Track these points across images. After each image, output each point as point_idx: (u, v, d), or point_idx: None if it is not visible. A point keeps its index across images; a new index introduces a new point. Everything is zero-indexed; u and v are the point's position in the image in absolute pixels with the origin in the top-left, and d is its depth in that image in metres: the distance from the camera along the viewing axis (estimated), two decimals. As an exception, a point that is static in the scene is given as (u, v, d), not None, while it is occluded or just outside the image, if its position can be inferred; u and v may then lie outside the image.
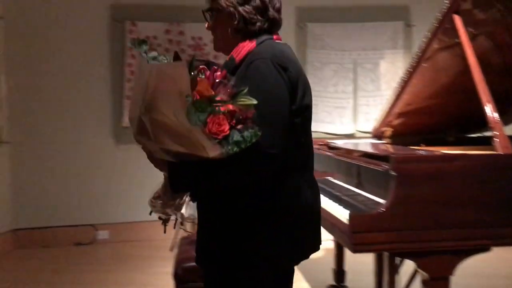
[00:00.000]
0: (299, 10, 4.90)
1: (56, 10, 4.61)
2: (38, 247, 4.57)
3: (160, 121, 1.31)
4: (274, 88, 1.43)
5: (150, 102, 1.31)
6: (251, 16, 1.54)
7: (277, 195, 1.48)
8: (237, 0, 1.55)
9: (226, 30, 1.57)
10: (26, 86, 4.59)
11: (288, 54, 1.54)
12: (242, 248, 1.47)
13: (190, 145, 1.32)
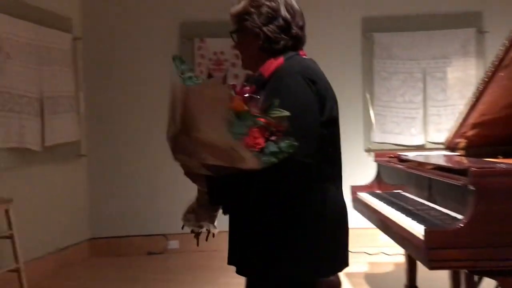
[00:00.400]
0: (365, 20, 4.85)
1: (129, 30, 4.85)
2: (113, 255, 4.78)
3: (202, 139, 1.35)
4: (305, 101, 1.50)
5: (190, 122, 1.36)
6: (275, 35, 1.60)
7: (307, 205, 1.53)
8: (261, 21, 1.61)
9: (253, 49, 1.64)
10: (102, 103, 4.85)
11: (315, 69, 1.62)
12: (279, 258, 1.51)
13: (231, 159, 1.36)
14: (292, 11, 1.63)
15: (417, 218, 2.08)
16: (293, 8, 1.64)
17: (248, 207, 1.53)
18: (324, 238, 1.56)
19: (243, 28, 1.65)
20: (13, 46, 3.74)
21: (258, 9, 1.62)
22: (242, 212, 1.57)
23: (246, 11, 1.64)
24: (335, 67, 4.89)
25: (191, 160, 1.43)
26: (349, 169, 5.02)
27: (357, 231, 4.67)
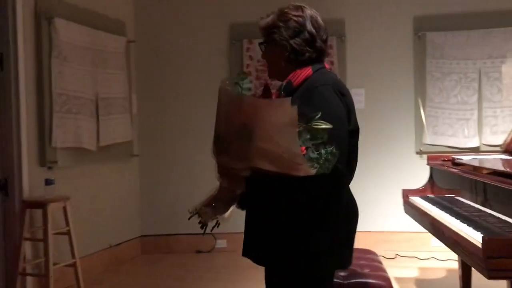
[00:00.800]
0: (417, 19, 4.73)
1: (180, 33, 4.96)
2: (162, 253, 4.89)
3: (265, 148, 1.47)
4: (338, 112, 1.64)
5: (261, 133, 1.48)
6: (301, 48, 1.74)
7: (338, 206, 1.69)
8: (289, 34, 1.74)
9: (279, 60, 1.76)
10: (154, 104, 4.97)
11: (342, 82, 1.78)
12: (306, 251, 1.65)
13: (286, 165, 1.47)
14: (317, 26, 1.77)
15: (474, 225, 2.01)
16: (318, 23, 1.78)
17: (277, 205, 1.65)
18: (344, 235, 1.73)
19: (271, 40, 1.78)
20: (71, 50, 3.90)
21: (285, 23, 1.75)
22: (268, 208, 1.68)
23: (275, 25, 1.76)
24: (386, 67, 4.82)
25: (239, 163, 1.54)
26: (399, 172, 5.00)
27: (407, 235, 4.65)
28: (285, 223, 1.66)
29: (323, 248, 1.66)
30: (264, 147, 1.47)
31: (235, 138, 1.52)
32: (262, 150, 1.48)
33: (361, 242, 4.40)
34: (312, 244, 1.65)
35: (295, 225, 1.65)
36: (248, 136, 1.48)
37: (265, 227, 1.71)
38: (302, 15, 1.76)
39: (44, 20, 3.69)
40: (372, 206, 4.80)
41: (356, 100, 4.73)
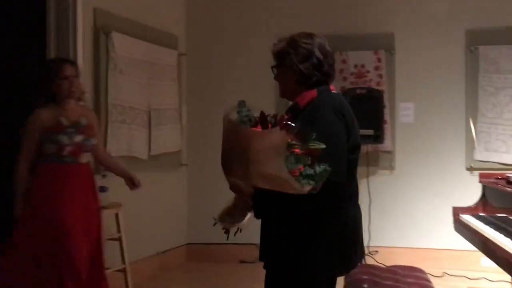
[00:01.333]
0: (470, 33, 4.64)
1: (230, 46, 5.07)
2: (207, 261, 4.97)
3: (263, 172, 1.67)
4: (337, 131, 1.80)
5: (254, 158, 1.68)
6: (309, 72, 1.89)
7: (335, 218, 1.84)
8: (298, 59, 1.89)
9: (290, 82, 1.93)
10: (203, 115, 5.08)
11: (344, 102, 1.93)
12: (303, 258, 1.82)
13: (282, 186, 1.66)
14: (324, 52, 1.92)
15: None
16: (325, 49, 1.93)
17: (283, 216, 1.84)
18: (340, 246, 1.86)
19: (282, 65, 1.95)
20: (126, 63, 4.06)
21: (295, 50, 1.91)
22: (276, 218, 1.87)
23: (286, 51, 1.92)
24: (436, 81, 4.74)
25: (242, 182, 1.76)
26: (449, 188, 4.91)
27: (456, 253, 4.53)
28: (287, 231, 1.84)
29: (321, 254, 1.82)
30: (259, 169, 1.67)
31: (236, 161, 1.73)
32: (258, 171, 1.68)
33: (408, 259, 4.38)
34: (311, 250, 1.82)
35: (296, 233, 1.83)
36: (247, 159, 1.68)
37: (272, 234, 1.90)
38: (311, 42, 1.91)
39: (102, 34, 3.87)
40: (420, 223, 4.72)
41: (405, 114, 4.76)
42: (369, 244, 4.65)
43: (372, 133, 4.35)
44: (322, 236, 1.83)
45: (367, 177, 4.63)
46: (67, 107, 2.85)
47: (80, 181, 2.88)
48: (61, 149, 2.77)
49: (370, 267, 2.99)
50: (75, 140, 2.82)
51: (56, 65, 2.86)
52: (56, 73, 2.80)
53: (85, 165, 2.94)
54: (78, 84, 2.86)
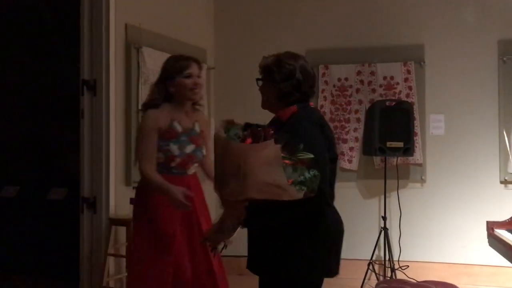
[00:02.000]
0: (502, 42, 4.55)
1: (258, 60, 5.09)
2: (234, 274, 4.95)
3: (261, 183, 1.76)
4: (318, 142, 1.95)
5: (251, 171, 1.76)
6: (288, 91, 2.06)
7: (320, 223, 1.98)
8: (280, 78, 2.05)
9: (271, 97, 2.11)
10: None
11: (321, 116, 2.16)
12: (288, 263, 1.96)
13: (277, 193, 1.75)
14: (305, 74, 2.07)
15: None
16: (306, 71, 2.08)
17: (273, 223, 1.96)
18: (328, 249, 2.03)
19: (266, 80, 2.12)
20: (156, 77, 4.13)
21: (279, 69, 2.06)
22: (265, 226, 1.98)
23: (270, 68, 2.09)
24: (468, 92, 4.66)
25: (237, 196, 1.82)
26: (483, 202, 4.81)
27: (491, 269, 4.41)
28: (276, 237, 1.98)
29: (306, 258, 1.97)
30: (256, 182, 1.76)
31: (231, 178, 1.80)
32: (255, 184, 1.76)
33: (440, 274, 4.29)
34: (297, 254, 1.96)
35: (285, 238, 1.96)
36: (244, 174, 1.76)
37: (262, 242, 2.04)
38: (293, 64, 2.06)
39: (133, 49, 3.96)
40: (453, 237, 4.61)
41: (435, 126, 4.68)
42: (399, 259, 4.57)
43: (402, 145, 4.30)
44: (310, 239, 1.97)
45: (397, 190, 4.57)
46: (183, 110, 2.63)
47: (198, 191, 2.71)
48: (170, 160, 2.57)
49: (400, 282, 2.94)
50: (186, 151, 2.61)
51: (181, 62, 2.63)
52: (179, 70, 2.58)
53: (193, 177, 2.72)
54: (201, 85, 2.64)
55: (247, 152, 1.79)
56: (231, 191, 1.85)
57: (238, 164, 1.79)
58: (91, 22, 3.79)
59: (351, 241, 4.81)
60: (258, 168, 1.76)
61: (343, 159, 4.82)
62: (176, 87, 2.58)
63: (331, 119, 4.88)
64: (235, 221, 2.03)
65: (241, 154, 1.80)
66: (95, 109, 3.78)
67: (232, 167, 1.81)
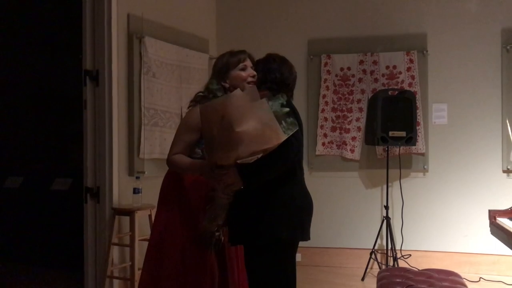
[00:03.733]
0: (506, 31, 4.53)
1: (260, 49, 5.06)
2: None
3: (245, 131, 1.85)
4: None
5: (236, 118, 1.84)
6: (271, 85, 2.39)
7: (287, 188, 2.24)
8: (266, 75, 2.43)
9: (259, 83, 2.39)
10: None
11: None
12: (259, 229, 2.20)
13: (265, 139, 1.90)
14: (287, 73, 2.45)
15: None
16: (292, 71, 2.50)
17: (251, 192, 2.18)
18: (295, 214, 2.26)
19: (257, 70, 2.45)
20: (159, 67, 4.14)
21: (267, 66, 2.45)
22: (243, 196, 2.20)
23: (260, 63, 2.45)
24: (471, 81, 4.65)
25: (227, 153, 1.93)
26: (485, 191, 4.81)
27: (493, 257, 4.43)
28: (245, 205, 2.21)
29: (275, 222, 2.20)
30: (244, 130, 1.84)
31: (218, 134, 1.89)
32: (243, 133, 1.85)
33: (442, 263, 4.31)
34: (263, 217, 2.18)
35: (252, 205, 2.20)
36: (229, 126, 1.84)
37: (235, 212, 2.26)
38: (278, 64, 2.46)
39: (135, 39, 3.96)
40: (455, 226, 4.63)
41: (438, 115, 4.68)
42: (402, 248, 4.59)
43: (404, 135, 4.30)
44: (278, 203, 2.22)
45: (400, 180, 4.58)
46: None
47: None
48: (205, 159, 2.41)
49: (402, 270, 2.95)
50: None
51: (238, 56, 2.56)
52: (235, 63, 2.52)
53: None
54: (254, 78, 2.51)
55: (228, 101, 1.89)
56: (220, 151, 1.95)
57: (221, 116, 1.89)
58: (93, 13, 3.79)
59: (353, 231, 4.89)
60: (245, 113, 1.84)
61: (345, 149, 4.82)
62: (232, 80, 2.51)
63: (333, 109, 4.88)
64: (225, 197, 2.21)
65: (222, 106, 1.91)
66: (98, 99, 3.79)
67: (216, 122, 1.90)
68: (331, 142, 4.89)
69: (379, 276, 2.88)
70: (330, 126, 4.88)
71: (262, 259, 2.24)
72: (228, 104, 1.88)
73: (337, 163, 4.88)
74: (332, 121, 4.89)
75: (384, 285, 2.64)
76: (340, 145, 4.86)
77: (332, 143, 4.87)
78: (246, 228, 2.23)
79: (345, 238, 4.81)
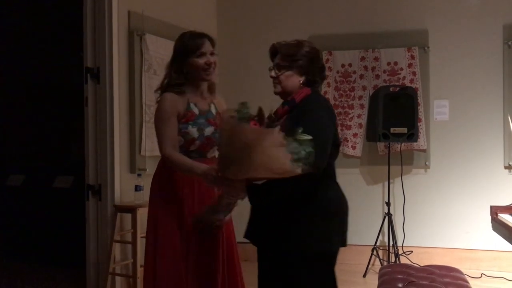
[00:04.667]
0: (508, 27, 4.52)
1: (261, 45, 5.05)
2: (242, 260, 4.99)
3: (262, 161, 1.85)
4: (325, 125, 2.05)
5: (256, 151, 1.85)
6: (315, 76, 2.16)
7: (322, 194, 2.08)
8: (309, 63, 2.13)
9: (293, 83, 2.15)
10: (234, 114, 5.12)
11: (328, 102, 2.28)
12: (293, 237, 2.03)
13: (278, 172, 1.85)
14: (322, 60, 2.23)
15: None
16: (321, 58, 2.25)
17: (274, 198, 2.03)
18: (327, 223, 2.08)
19: (292, 66, 2.14)
20: (159, 64, 4.13)
21: (307, 53, 2.13)
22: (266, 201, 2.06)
23: (298, 53, 2.13)
24: (472, 78, 4.64)
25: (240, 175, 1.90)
26: (487, 187, 4.81)
27: (494, 253, 4.43)
28: (275, 213, 2.06)
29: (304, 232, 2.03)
30: (260, 163, 1.86)
31: (237, 158, 1.88)
32: (259, 164, 1.86)
33: (444, 259, 4.31)
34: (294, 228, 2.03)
35: (282, 214, 2.04)
36: (249, 154, 1.84)
37: (263, 216, 2.11)
38: (316, 48, 2.17)
39: (136, 37, 3.95)
40: (457, 222, 4.63)
41: (439, 111, 4.67)
42: (403, 244, 4.59)
43: (405, 131, 4.30)
44: (312, 210, 2.05)
45: (401, 176, 4.58)
46: (199, 91, 2.49)
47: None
48: (189, 143, 2.43)
49: (404, 266, 2.96)
50: (205, 133, 2.45)
51: (195, 40, 2.47)
52: (193, 49, 2.44)
53: (212, 161, 2.48)
54: (215, 63, 2.48)
55: (256, 135, 1.88)
56: (235, 171, 1.91)
57: (246, 145, 1.86)
58: (94, 10, 3.79)
59: (355, 227, 4.84)
60: (263, 150, 1.85)
61: (346, 146, 4.82)
62: (189, 68, 2.45)
63: (334, 106, 4.87)
64: (233, 200, 2.16)
65: (249, 136, 1.88)
66: (99, 96, 3.79)
67: (239, 148, 1.88)
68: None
69: (380, 272, 2.88)
70: (332, 122, 4.88)
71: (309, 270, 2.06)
72: (258, 139, 1.88)
73: (338, 159, 4.84)
74: (333, 117, 4.89)
75: (386, 281, 2.65)
76: (342, 142, 4.86)
77: (334, 139, 4.88)
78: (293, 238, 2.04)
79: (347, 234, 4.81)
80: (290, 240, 2.03)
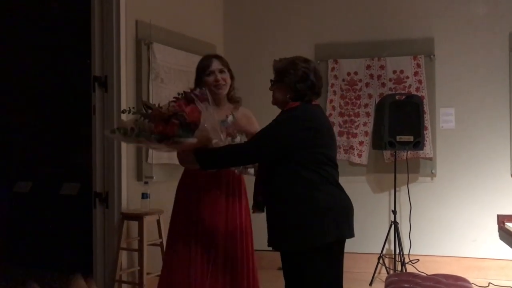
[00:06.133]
0: None
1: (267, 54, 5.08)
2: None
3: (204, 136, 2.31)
4: (278, 130, 2.28)
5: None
6: (304, 92, 2.31)
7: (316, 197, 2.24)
8: (296, 80, 2.29)
9: (284, 96, 2.36)
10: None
11: (319, 117, 2.34)
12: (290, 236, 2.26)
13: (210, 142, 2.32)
14: (318, 76, 2.34)
15: None
16: (318, 74, 2.35)
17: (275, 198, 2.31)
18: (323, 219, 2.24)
19: (281, 81, 2.34)
20: (167, 72, 4.17)
21: (295, 71, 2.29)
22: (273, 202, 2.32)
23: (286, 70, 2.31)
24: (478, 85, 4.64)
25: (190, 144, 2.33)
26: (493, 195, 4.80)
27: (501, 262, 4.41)
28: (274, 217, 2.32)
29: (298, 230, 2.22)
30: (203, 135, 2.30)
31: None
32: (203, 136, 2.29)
33: (451, 268, 4.29)
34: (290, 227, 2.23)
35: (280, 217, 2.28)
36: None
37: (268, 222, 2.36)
38: (307, 67, 2.30)
39: (143, 45, 3.99)
40: (464, 231, 4.61)
41: (446, 119, 4.67)
42: (409, 252, 4.58)
43: (411, 139, 4.30)
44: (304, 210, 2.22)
45: (407, 184, 4.57)
46: (215, 103, 2.73)
47: (223, 186, 2.80)
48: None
49: (410, 275, 2.95)
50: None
51: (202, 62, 2.82)
52: (202, 70, 2.78)
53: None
54: (223, 80, 2.80)
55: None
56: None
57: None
58: (102, 19, 3.83)
59: (361, 235, 4.83)
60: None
61: (352, 154, 4.82)
62: (203, 85, 2.75)
63: (340, 114, 4.89)
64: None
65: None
66: (107, 105, 3.81)
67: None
68: (338, 147, 4.89)
69: (387, 281, 2.88)
70: (337, 131, 4.88)
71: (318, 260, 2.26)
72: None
73: (344, 167, 4.88)
74: (339, 125, 4.89)
75: (393, 290, 2.64)
76: (348, 150, 4.86)
77: (340, 147, 4.88)
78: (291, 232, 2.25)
79: (353, 242, 4.72)
80: (288, 239, 2.25)
